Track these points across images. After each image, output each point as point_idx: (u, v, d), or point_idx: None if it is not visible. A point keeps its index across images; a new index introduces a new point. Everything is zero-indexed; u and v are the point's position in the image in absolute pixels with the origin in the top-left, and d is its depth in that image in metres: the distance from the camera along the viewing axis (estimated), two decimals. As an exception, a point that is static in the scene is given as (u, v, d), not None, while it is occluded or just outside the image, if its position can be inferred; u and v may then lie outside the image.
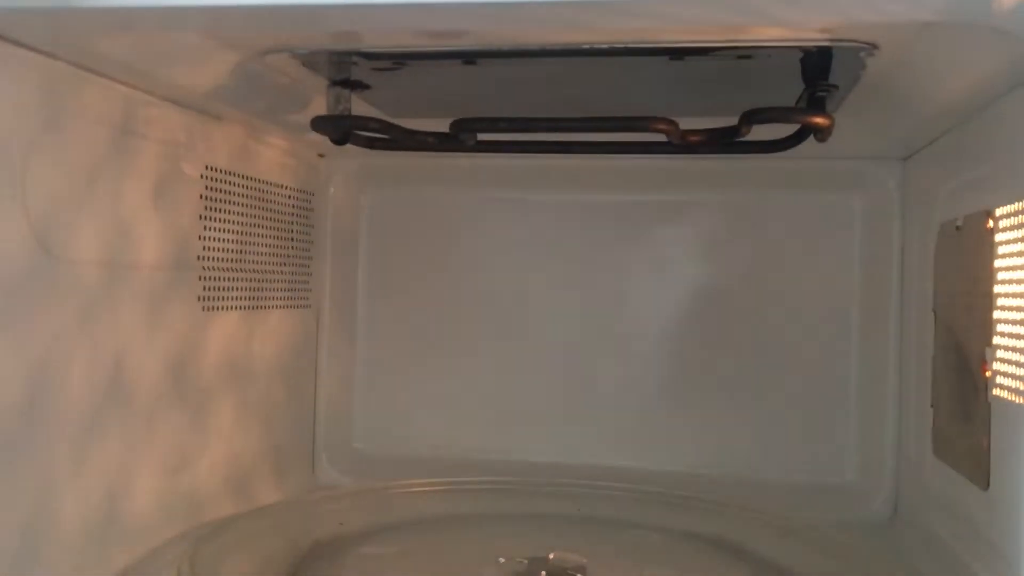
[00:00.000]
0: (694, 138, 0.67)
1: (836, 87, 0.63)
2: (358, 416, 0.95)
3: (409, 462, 0.92)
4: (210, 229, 0.73)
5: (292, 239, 0.87)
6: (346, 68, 0.66)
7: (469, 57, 0.62)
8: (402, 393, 0.95)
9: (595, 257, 0.92)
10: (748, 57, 0.59)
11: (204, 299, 0.72)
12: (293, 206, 0.87)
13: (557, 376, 0.92)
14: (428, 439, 0.93)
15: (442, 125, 0.69)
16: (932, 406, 0.72)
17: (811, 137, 0.67)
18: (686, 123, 0.66)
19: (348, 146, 0.73)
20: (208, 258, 0.72)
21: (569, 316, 0.92)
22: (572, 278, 0.92)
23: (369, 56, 0.62)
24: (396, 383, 0.95)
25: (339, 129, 0.68)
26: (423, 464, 0.91)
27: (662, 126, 0.63)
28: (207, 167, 0.72)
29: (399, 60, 0.63)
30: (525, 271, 0.93)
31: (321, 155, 0.93)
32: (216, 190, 0.73)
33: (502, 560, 0.65)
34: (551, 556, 0.66)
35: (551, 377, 0.92)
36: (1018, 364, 0.52)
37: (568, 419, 0.92)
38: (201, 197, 0.71)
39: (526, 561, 0.65)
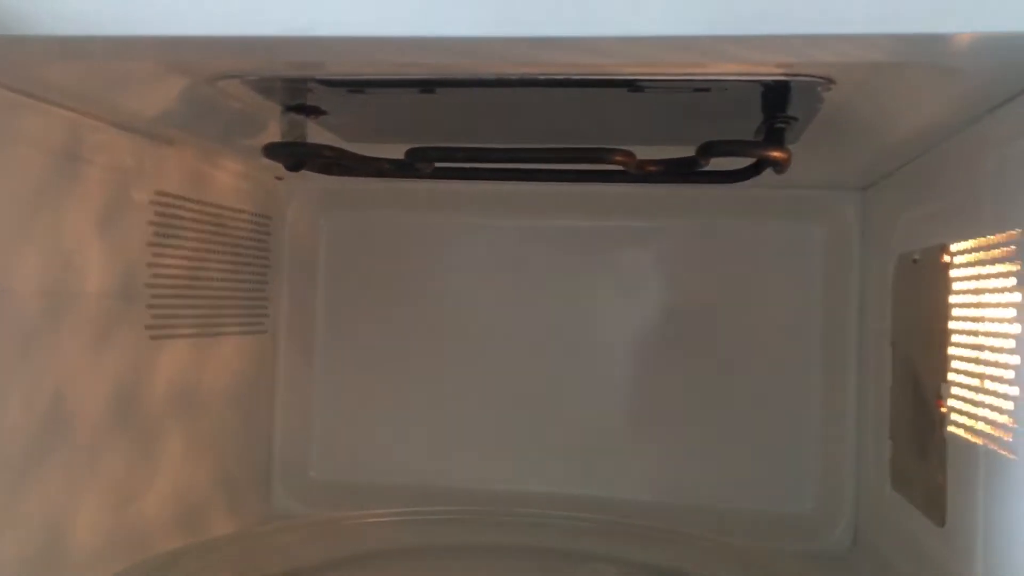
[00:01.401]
0: (652, 168, 0.66)
1: (795, 119, 0.63)
2: (316, 444, 0.93)
3: (369, 491, 0.91)
4: (160, 256, 0.71)
5: (248, 264, 0.85)
6: (301, 94, 0.64)
7: (427, 86, 0.61)
8: (361, 421, 0.93)
9: (558, 283, 0.91)
10: (706, 90, 0.59)
11: (153, 328, 0.70)
12: (249, 230, 0.85)
13: (520, 403, 0.91)
14: (388, 468, 0.92)
15: (400, 151, 0.68)
16: (891, 438, 0.71)
17: (769, 170, 0.66)
18: (646, 152, 0.66)
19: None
20: (158, 286, 0.70)
21: (531, 342, 0.91)
22: (535, 304, 0.92)
23: (324, 83, 0.61)
24: (355, 411, 0.93)
25: (292, 156, 0.67)
26: (383, 493, 0.89)
27: (619, 157, 0.63)
28: (157, 192, 0.70)
29: (355, 87, 0.62)
30: (488, 297, 0.92)
31: (279, 178, 0.91)
32: (167, 215, 0.72)
33: (456, 597, 0.64)
34: (506, 591, 0.65)
35: (514, 405, 0.91)
36: (972, 402, 0.52)
37: (531, 447, 0.91)
38: (150, 223, 0.70)
39: (481, 598, 0.64)
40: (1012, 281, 0.47)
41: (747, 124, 0.66)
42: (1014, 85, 0.46)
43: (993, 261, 0.50)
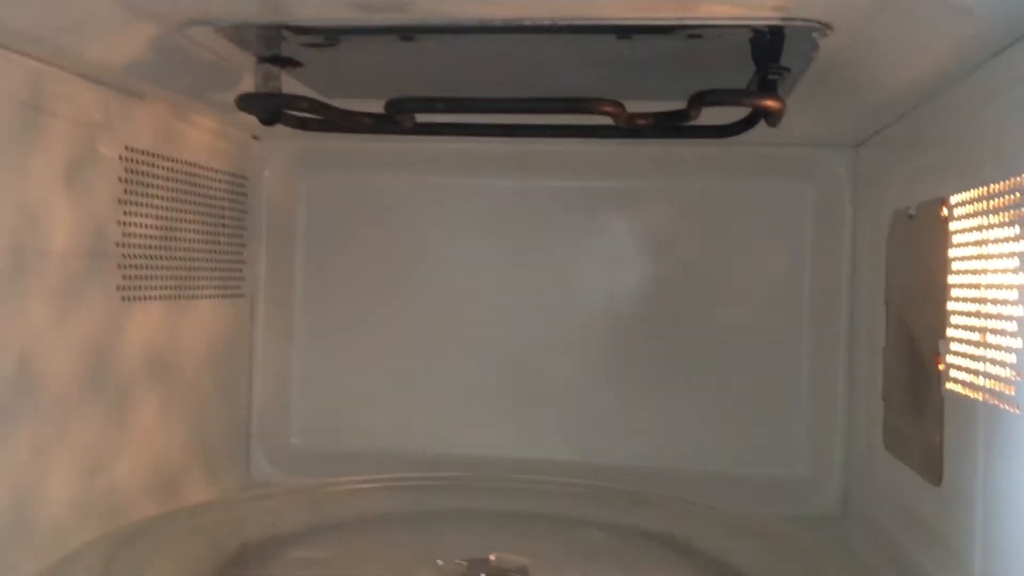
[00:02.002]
0: (641, 121, 0.64)
1: (788, 70, 0.61)
2: (296, 410, 0.91)
3: (350, 458, 0.89)
4: (130, 214, 0.68)
5: (224, 225, 0.83)
6: (275, 43, 0.62)
7: (406, 33, 0.58)
8: (342, 386, 0.91)
9: (543, 244, 0.89)
10: (698, 37, 0.56)
11: (124, 288, 0.68)
12: (225, 190, 0.83)
13: (504, 368, 0.89)
14: (370, 433, 0.90)
15: (380, 106, 0.66)
16: (883, 399, 0.70)
17: (762, 122, 0.64)
18: (634, 106, 0.63)
19: (285, 128, 0.69)
20: (128, 245, 0.68)
21: (516, 305, 0.90)
22: (519, 266, 0.90)
23: (299, 31, 0.58)
24: (336, 375, 0.91)
25: (267, 108, 0.64)
26: (364, 460, 0.87)
27: (608, 108, 0.60)
28: (127, 148, 0.68)
29: (332, 36, 0.59)
30: (471, 259, 0.90)
31: (255, 137, 0.88)
32: (137, 172, 0.69)
33: (440, 563, 0.62)
34: (492, 557, 0.63)
35: (498, 369, 0.89)
36: (972, 357, 0.51)
37: (516, 412, 0.89)
38: (120, 180, 0.67)
39: (465, 563, 0.62)
40: (1016, 230, 0.45)
41: (738, 79, 0.64)
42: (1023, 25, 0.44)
43: (996, 211, 0.48)
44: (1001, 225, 0.47)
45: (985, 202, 0.50)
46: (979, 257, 0.50)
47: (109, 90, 0.65)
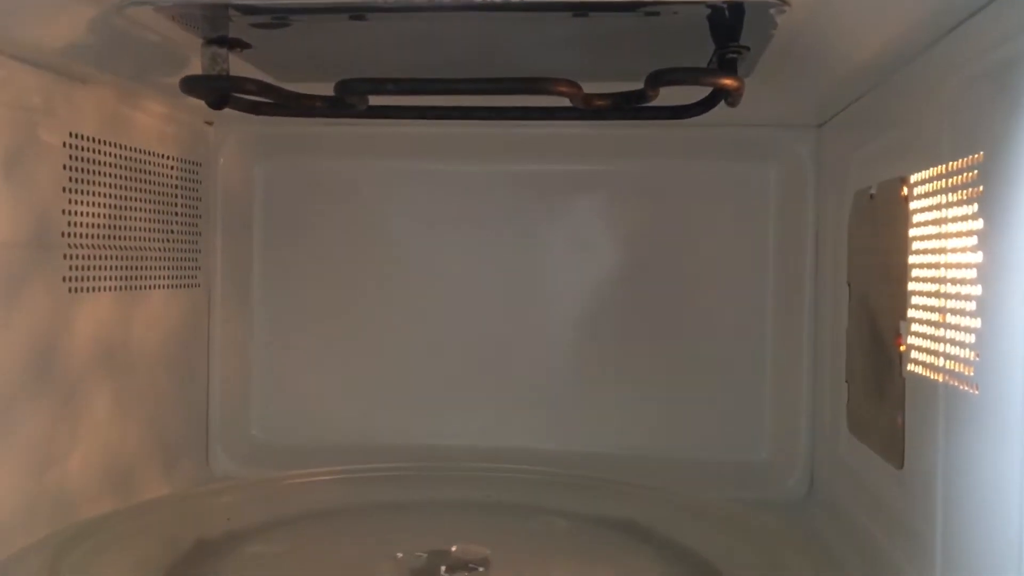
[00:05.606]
0: (599, 102, 0.63)
1: (747, 48, 0.60)
2: (256, 402, 0.89)
3: (312, 450, 0.87)
4: (77, 203, 0.66)
5: (176, 213, 0.81)
6: (222, 24, 0.60)
7: (356, 12, 0.57)
8: (304, 377, 0.89)
9: (506, 230, 0.88)
10: (655, 14, 0.55)
11: (71, 279, 0.66)
12: (177, 177, 0.81)
13: (468, 357, 0.88)
14: (332, 425, 0.89)
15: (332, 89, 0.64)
16: (847, 381, 0.70)
17: (722, 103, 0.63)
18: (593, 88, 0.62)
19: (239, 113, 0.67)
20: (75, 235, 0.66)
21: (479, 293, 0.88)
22: (482, 253, 0.88)
23: (246, 10, 0.57)
24: (297, 366, 0.89)
25: (212, 91, 0.62)
26: (327, 452, 0.86)
27: (564, 88, 0.59)
28: (71, 134, 0.65)
29: (280, 15, 0.58)
30: (433, 246, 0.89)
31: (209, 122, 0.86)
32: (83, 160, 0.67)
33: (400, 555, 0.61)
34: (453, 549, 0.62)
35: (461, 358, 0.88)
36: (932, 338, 0.50)
37: (479, 401, 0.88)
38: (65, 167, 0.65)
39: (425, 555, 0.61)
40: (974, 208, 0.45)
41: (698, 60, 0.63)
42: (979, -4, 0.43)
43: (955, 189, 0.47)
44: (960, 203, 0.47)
45: (944, 180, 0.49)
46: (939, 236, 0.50)
47: (49, 74, 0.63)
